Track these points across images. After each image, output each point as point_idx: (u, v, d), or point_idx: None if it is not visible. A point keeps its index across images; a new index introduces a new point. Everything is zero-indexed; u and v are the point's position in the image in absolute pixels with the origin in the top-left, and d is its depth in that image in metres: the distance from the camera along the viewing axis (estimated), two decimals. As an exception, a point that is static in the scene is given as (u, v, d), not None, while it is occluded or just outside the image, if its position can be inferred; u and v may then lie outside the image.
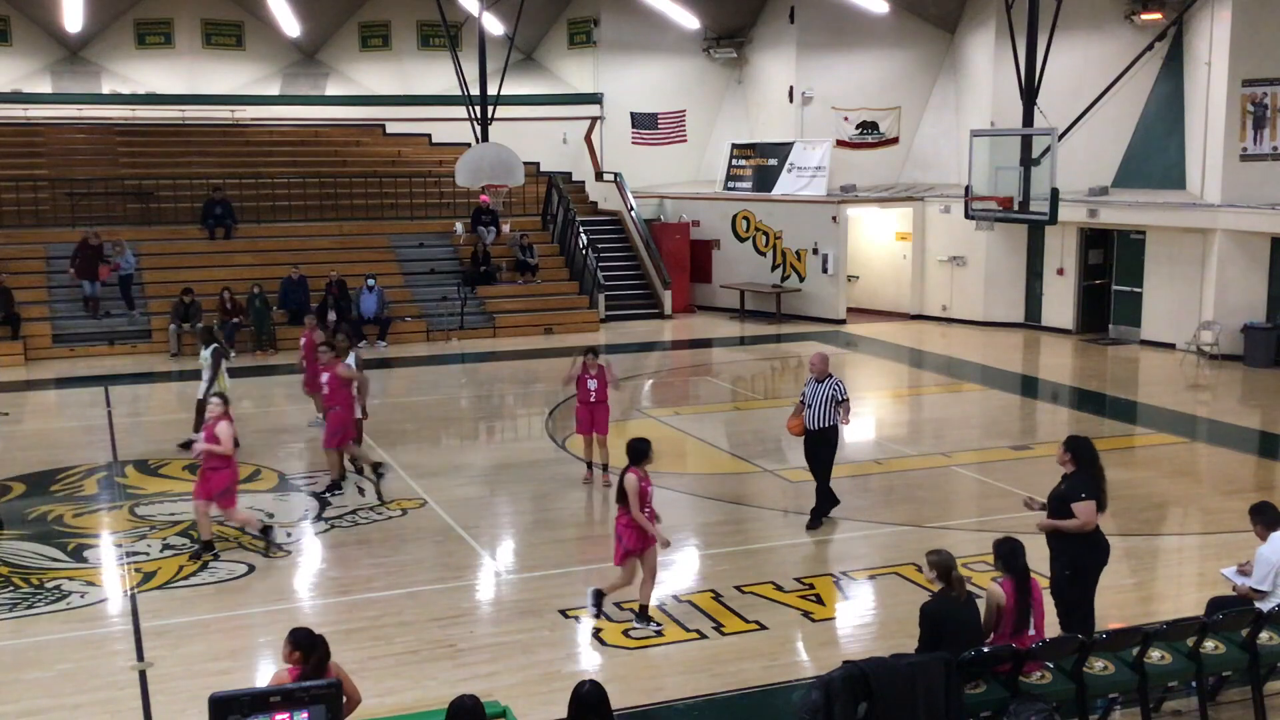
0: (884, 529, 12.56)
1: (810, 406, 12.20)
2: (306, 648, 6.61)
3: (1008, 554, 7.86)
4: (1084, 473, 8.70)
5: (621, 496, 9.72)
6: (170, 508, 13.15)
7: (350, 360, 14.32)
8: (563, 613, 10.23)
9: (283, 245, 25.34)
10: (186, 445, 15.00)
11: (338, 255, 25.25)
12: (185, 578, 11.06)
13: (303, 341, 17.09)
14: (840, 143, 27.99)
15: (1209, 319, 21.86)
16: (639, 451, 9.84)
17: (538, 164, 28.46)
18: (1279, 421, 17.82)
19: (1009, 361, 22.42)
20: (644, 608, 9.91)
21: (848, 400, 12.32)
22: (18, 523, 12.67)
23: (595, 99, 30.02)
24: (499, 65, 25.48)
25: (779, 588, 10.72)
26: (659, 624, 9.86)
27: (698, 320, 27.05)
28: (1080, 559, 8.64)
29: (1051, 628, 8.33)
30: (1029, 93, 20.99)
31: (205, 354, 15.47)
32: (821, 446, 12.32)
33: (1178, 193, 22.89)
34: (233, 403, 12.83)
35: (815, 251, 26.47)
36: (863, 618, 10.35)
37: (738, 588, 10.66)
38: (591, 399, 13.93)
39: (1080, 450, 8.81)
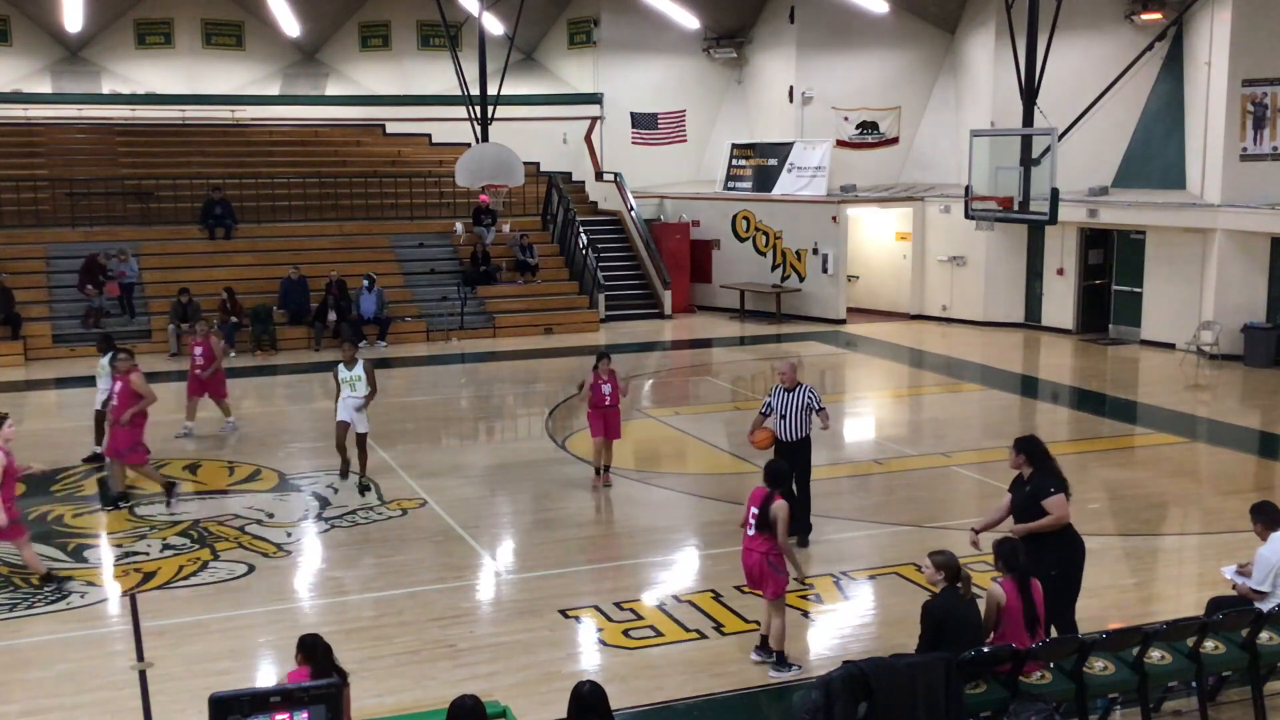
0: (884, 529, 12.56)
1: (783, 417, 11.65)
2: (309, 649, 6.74)
3: (1008, 554, 7.85)
4: (1044, 470, 8.74)
5: (765, 524, 8.88)
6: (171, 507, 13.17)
7: (359, 368, 13.70)
8: (563, 613, 10.22)
9: (283, 245, 25.32)
10: (92, 459, 14.86)
11: (338, 255, 25.24)
12: (185, 578, 11.07)
13: (199, 351, 16.31)
14: (840, 143, 27.98)
15: (1209, 319, 21.85)
16: (784, 474, 9.24)
17: (538, 164, 28.45)
18: (1279, 421, 17.82)
19: (1009, 361, 22.41)
20: (780, 653, 9.10)
21: (825, 408, 11.85)
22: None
23: (595, 99, 30.02)
24: (499, 65, 25.47)
25: (779, 588, 10.70)
26: (798, 664, 9.17)
27: (698, 320, 27.05)
28: (1063, 558, 8.63)
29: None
30: (1029, 93, 20.98)
31: (104, 362, 14.81)
32: (800, 457, 11.79)
33: (1178, 193, 22.88)
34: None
35: (815, 251, 26.47)
36: (863, 618, 10.35)
37: (738, 588, 10.61)
38: (606, 403, 13.79)
39: (1032, 449, 8.84)
